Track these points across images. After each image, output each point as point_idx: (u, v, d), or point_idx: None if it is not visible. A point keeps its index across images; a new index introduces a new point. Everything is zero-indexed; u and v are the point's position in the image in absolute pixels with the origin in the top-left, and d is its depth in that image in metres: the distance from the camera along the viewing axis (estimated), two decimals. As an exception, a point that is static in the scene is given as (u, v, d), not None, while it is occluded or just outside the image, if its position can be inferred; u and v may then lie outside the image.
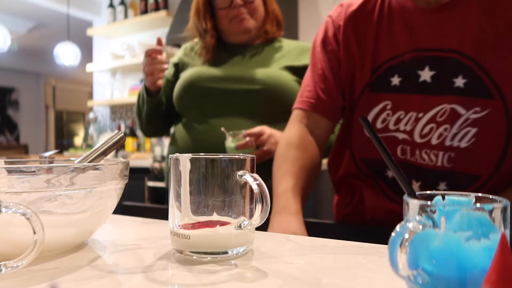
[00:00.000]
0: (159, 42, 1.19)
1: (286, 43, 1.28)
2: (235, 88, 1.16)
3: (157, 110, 1.27)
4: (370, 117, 0.85)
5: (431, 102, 0.79)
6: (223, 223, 0.46)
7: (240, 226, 0.45)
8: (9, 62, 6.80)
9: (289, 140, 0.90)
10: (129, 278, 0.40)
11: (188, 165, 0.46)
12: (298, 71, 1.18)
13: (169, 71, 1.32)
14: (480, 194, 0.35)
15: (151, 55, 1.17)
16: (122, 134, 0.57)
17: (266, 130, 1.06)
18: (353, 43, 0.88)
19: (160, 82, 1.21)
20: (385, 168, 0.86)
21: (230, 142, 1.07)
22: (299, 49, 1.25)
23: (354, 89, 0.88)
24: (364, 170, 0.90)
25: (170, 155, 0.48)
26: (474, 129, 0.76)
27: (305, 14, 2.91)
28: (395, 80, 0.83)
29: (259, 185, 0.44)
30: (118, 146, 0.57)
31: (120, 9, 3.65)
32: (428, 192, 0.37)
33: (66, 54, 3.91)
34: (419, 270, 0.33)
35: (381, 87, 0.85)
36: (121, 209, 1.19)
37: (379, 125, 0.85)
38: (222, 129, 1.09)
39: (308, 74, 0.95)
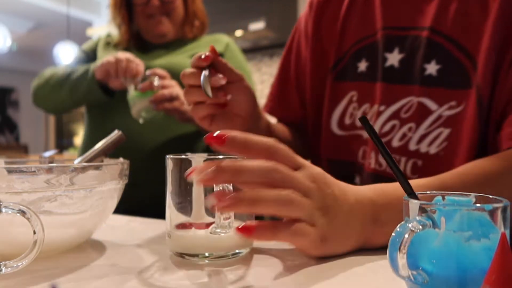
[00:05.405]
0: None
1: (205, 39, 1.25)
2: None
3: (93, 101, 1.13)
4: (337, 113, 0.74)
5: (396, 93, 0.65)
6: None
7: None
8: (9, 62, 6.80)
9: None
10: (129, 278, 0.40)
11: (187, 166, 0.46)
12: None
13: (79, 57, 1.27)
14: (480, 194, 0.35)
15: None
16: (122, 133, 0.57)
17: (170, 78, 0.99)
18: (323, 34, 0.78)
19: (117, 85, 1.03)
20: (353, 174, 0.73)
21: (132, 91, 0.96)
22: (210, 40, 1.23)
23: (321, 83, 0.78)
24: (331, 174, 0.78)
25: (167, 156, 0.47)
26: (447, 130, 0.61)
27: (305, 14, 2.90)
28: (362, 66, 0.71)
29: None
30: (118, 145, 0.57)
31: (120, 9, 3.64)
32: (428, 192, 0.37)
33: (66, 54, 3.91)
34: (419, 270, 0.33)
35: (347, 75, 0.73)
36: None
37: (347, 121, 0.73)
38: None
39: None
